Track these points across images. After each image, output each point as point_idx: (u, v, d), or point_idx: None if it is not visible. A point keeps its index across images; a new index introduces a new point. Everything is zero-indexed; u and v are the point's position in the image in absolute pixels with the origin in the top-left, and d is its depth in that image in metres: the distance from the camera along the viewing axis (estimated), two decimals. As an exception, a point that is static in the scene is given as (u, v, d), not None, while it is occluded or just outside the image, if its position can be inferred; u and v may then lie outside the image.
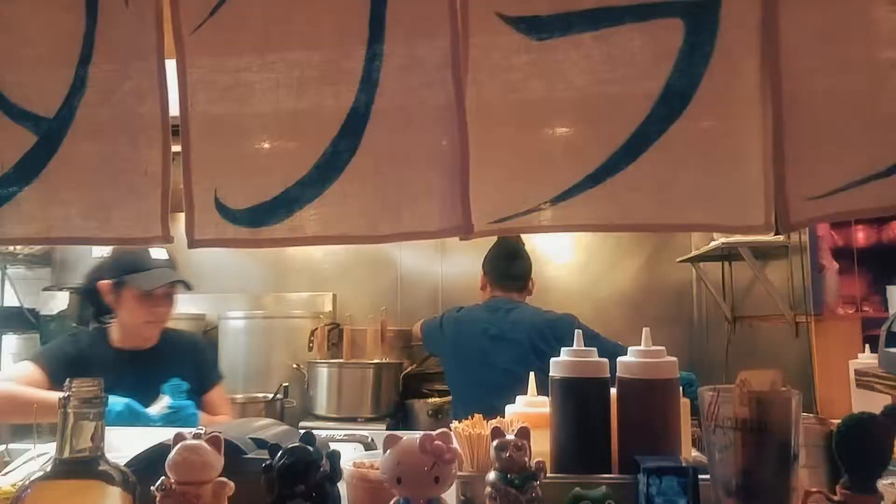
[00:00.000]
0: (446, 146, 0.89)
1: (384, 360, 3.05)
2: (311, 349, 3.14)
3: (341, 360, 3.03)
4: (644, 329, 1.01)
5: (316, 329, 3.17)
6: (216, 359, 2.19)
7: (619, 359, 1.00)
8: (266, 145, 0.94)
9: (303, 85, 0.91)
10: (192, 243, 0.97)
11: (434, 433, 0.86)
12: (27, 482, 0.62)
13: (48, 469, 0.64)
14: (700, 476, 0.81)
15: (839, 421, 0.80)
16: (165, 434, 0.92)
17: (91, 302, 2.04)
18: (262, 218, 0.93)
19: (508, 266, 2.58)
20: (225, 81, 0.92)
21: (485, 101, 0.89)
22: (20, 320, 3.53)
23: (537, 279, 3.45)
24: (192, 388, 1.95)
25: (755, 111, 0.87)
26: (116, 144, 0.96)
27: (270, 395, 2.89)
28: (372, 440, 1.30)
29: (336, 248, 3.70)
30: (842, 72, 0.82)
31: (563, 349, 1.02)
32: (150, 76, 0.94)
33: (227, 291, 3.64)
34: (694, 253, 2.98)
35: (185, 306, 3.48)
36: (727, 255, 2.99)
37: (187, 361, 2.03)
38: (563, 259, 3.45)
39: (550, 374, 1.01)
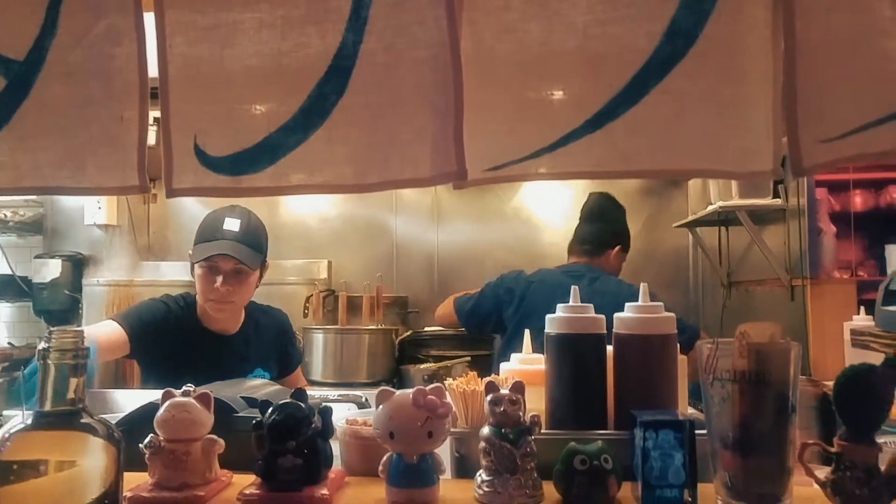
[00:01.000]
0: (439, 88, 0.85)
1: (380, 326, 3.05)
2: (306, 315, 3.13)
3: (337, 326, 3.02)
4: (642, 284, 1.00)
5: (311, 295, 3.16)
6: (297, 340, 2.00)
7: (616, 315, 0.99)
8: (248, 89, 0.89)
9: (287, 24, 0.86)
10: (171, 192, 0.93)
11: (427, 388, 0.85)
12: (6, 434, 0.60)
13: (29, 422, 0.62)
14: (697, 431, 0.81)
15: (834, 380, 0.78)
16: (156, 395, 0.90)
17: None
18: (243, 166, 0.89)
19: (580, 226, 2.24)
20: (205, 22, 0.87)
21: (480, 41, 0.85)
22: (13, 288, 3.51)
23: (535, 245, 3.45)
24: (278, 374, 1.82)
25: (765, 51, 0.83)
26: (90, 89, 0.92)
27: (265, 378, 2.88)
28: (366, 400, 1.29)
29: (330, 214, 3.67)
30: (857, 9, 0.78)
31: (559, 305, 1.00)
32: (125, 16, 0.88)
33: (221, 258, 3.61)
34: (691, 218, 2.96)
35: (180, 274, 3.46)
36: (724, 219, 2.97)
37: (274, 349, 1.85)
38: (558, 224, 3.43)
39: (546, 330, 1.00)
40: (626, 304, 0.99)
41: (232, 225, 1.67)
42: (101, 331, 1.64)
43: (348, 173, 0.89)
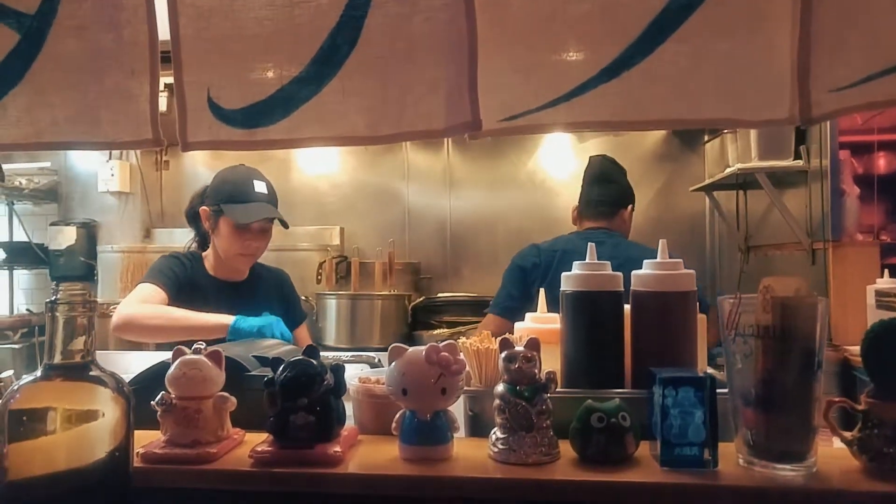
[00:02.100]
0: (453, 38, 0.81)
1: (392, 292, 3.04)
2: (319, 282, 3.13)
3: (350, 292, 3.02)
4: (661, 241, 0.97)
5: (324, 262, 3.15)
6: (299, 296, 2.13)
7: (634, 272, 0.96)
8: (260, 41, 0.87)
9: (300, -28, 0.82)
10: (185, 146, 0.91)
11: (440, 345, 0.83)
12: (16, 386, 0.60)
13: (38, 374, 0.61)
14: (717, 391, 0.78)
15: (861, 339, 0.75)
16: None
17: (194, 227, 2.01)
18: (257, 118, 0.87)
19: (591, 189, 2.18)
20: (215, -27, 0.84)
21: (494, -13, 0.81)
22: (30, 255, 3.54)
23: (550, 211, 3.40)
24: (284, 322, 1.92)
25: (783, -3, 0.79)
26: (100, 42, 0.89)
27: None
28: (378, 360, 1.28)
29: (342, 181, 3.65)
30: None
31: (575, 263, 0.98)
32: (132, -34, 0.86)
33: (234, 225, 3.61)
34: (708, 181, 2.89)
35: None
36: (742, 183, 2.91)
37: (276, 297, 2.00)
38: (573, 189, 3.37)
39: (562, 288, 0.97)
40: (645, 262, 0.96)
41: (262, 188, 1.86)
42: (149, 293, 1.78)
43: (361, 125, 0.86)
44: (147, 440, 0.84)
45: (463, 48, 0.81)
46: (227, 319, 1.63)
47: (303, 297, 3.06)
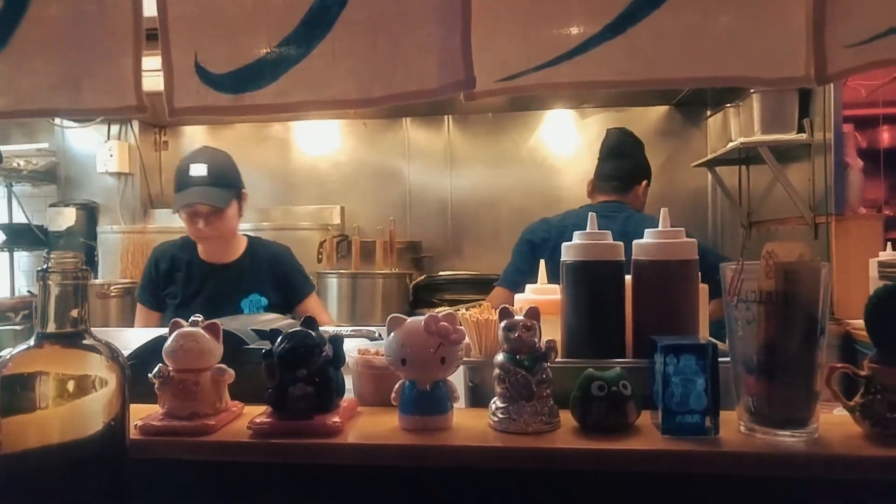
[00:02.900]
0: (446, -7, 0.79)
1: (393, 271, 3.04)
2: (320, 260, 3.12)
3: (351, 271, 3.01)
4: (662, 209, 0.95)
5: (324, 241, 3.15)
6: (303, 270, 2.11)
7: (635, 241, 0.95)
8: (249, 2, 0.84)
9: (288, -71, 0.79)
10: (172, 112, 0.89)
11: (439, 314, 0.82)
12: (7, 356, 0.59)
13: (31, 343, 0.61)
14: (720, 360, 0.77)
15: (864, 305, 0.74)
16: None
17: None
18: (245, 83, 0.85)
19: (605, 163, 2.14)
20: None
21: (488, -60, 0.78)
22: (29, 237, 3.53)
23: (551, 188, 3.38)
24: (280, 301, 1.92)
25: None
26: (84, 6, 0.87)
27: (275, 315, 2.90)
28: (378, 335, 1.28)
29: (342, 160, 3.63)
30: None
31: (576, 233, 0.97)
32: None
33: (234, 206, 3.60)
34: (710, 156, 2.87)
35: (192, 221, 3.46)
36: (745, 158, 2.88)
37: (270, 275, 1.97)
38: (575, 166, 3.36)
39: (562, 258, 0.96)
40: (646, 231, 0.95)
41: (198, 171, 1.85)
42: (140, 318, 1.92)
43: (352, 88, 0.84)
44: (145, 414, 0.84)
45: (456, 5, 0.78)
46: None
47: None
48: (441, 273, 3.27)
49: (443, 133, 3.56)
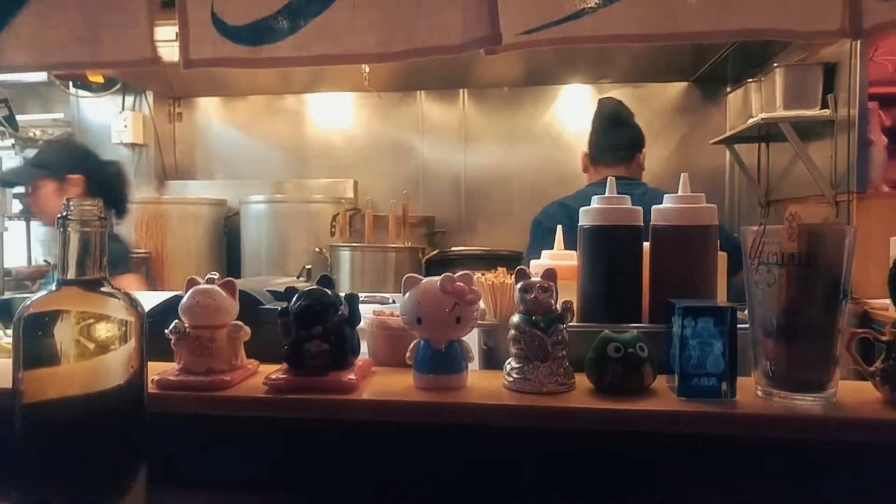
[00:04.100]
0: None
1: (406, 245, 3.04)
2: (333, 234, 3.13)
3: (363, 244, 3.02)
4: (682, 174, 0.94)
5: (337, 214, 3.15)
6: (124, 251, 2.23)
7: (654, 207, 0.94)
8: (267, -49, 0.83)
9: None
10: (187, 64, 0.89)
11: (455, 275, 0.82)
12: (28, 301, 0.59)
13: (53, 288, 0.61)
14: (738, 326, 0.76)
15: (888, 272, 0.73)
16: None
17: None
18: (263, 34, 0.84)
19: (607, 134, 2.09)
20: None
21: None
22: (46, 207, 3.57)
23: (566, 165, 3.35)
24: None
25: None
26: (101, -48, 0.87)
27: (293, 278, 2.92)
28: (392, 301, 1.28)
29: (356, 134, 3.61)
30: None
31: (594, 197, 0.95)
32: None
33: (248, 178, 3.62)
34: (729, 133, 2.83)
35: (206, 192, 3.48)
36: (765, 135, 2.84)
37: None
38: (590, 142, 3.31)
39: (580, 223, 0.95)
40: (665, 196, 0.93)
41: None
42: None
43: (373, 42, 0.83)
44: (161, 370, 0.85)
45: (479, -45, 0.76)
46: None
47: (316, 249, 3.09)
48: (453, 248, 3.27)
49: (457, 107, 3.53)
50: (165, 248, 3.20)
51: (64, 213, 0.61)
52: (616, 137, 2.06)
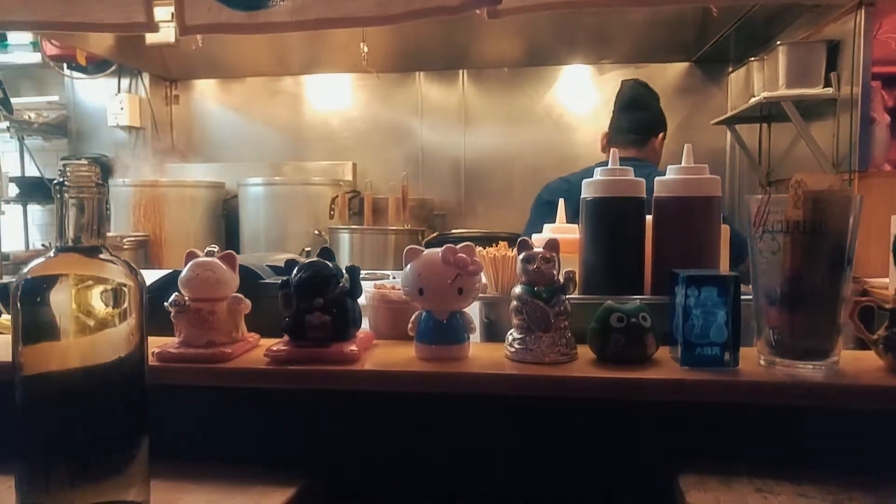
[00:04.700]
0: None
1: (405, 227, 3.03)
2: (332, 216, 3.12)
3: (362, 227, 3.01)
4: (686, 145, 0.93)
5: (336, 196, 3.14)
6: None
7: (658, 178, 0.93)
8: (265, -90, 0.81)
9: None
10: (183, 30, 0.87)
11: (457, 246, 0.81)
12: (25, 269, 0.59)
13: (51, 255, 0.60)
14: (742, 297, 0.76)
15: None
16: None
17: None
18: (259, -1, 0.83)
19: (621, 116, 2.08)
20: None
21: None
22: (42, 191, 3.55)
23: (567, 146, 3.33)
24: None
25: None
26: None
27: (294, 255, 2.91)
28: (393, 277, 1.27)
29: (355, 116, 3.59)
30: None
31: (597, 169, 0.95)
32: None
33: (246, 160, 3.60)
34: (731, 113, 2.81)
35: (204, 175, 3.46)
36: (766, 115, 2.82)
37: None
38: (593, 124, 3.30)
39: (583, 195, 0.94)
40: (668, 167, 0.93)
41: None
42: None
43: (371, 4, 0.81)
44: (161, 344, 0.84)
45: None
46: None
47: (315, 232, 3.08)
48: (453, 231, 3.26)
49: (457, 88, 3.51)
50: (164, 231, 3.18)
51: (60, 179, 0.60)
52: (629, 120, 2.05)
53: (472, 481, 0.82)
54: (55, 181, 0.60)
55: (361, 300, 0.88)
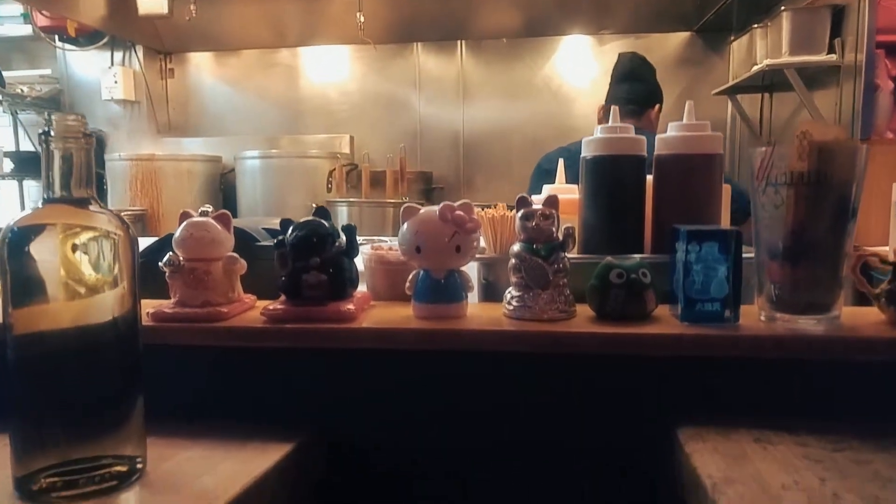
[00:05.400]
0: None
1: (403, 200, 3.01)
2: (329, 189, 3.10)
3: (360, 200, 2.99)
4: (688, 101, 0.91)
5: (333, 169, 3.11)
6: None
7: (658, 136, 0.91)
8: None
9: None
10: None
11: (455, 203, 0.80)
12: (12, 221, 0.57)
13: (39, 205, 0.59)
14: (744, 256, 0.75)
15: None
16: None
17: None
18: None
19: (618, 87, 2.09)
20: None
21: None
22: (37, 166, 3.50)
23: (566, 118, 3.30)
24: None
25: None
26: None
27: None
28: (389, 241, 1.26)
29: (352, 89, 3.55)
30: None
31: (597, 127, 0.93)
32: None
33: (242, 134, 3.56)
34: (732, 82, 2.77)
35: (201, 149, 3.43)
36: (769, 84, 2.79)
37: None
38: (593, 96, 3.26)
39: (583, 154, 0.93)
40: (669, 124, 0.91)
41: None
42: None
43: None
44: (157, 305, 0.83)
45: None
46: None
47: (313, 205, 3.06)
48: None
49: (455, 59, 3.46)
50: (161, 205, 3.17)
51: (46, 129, 0.59)
52: (626, 90, 2.05)
53: (469, 437, 0.82)
54: (40, 131, 0.59)
55: (359, 264, 0.88)
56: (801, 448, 0.59)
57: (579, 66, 3.36)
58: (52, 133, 0.59)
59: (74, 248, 0.57)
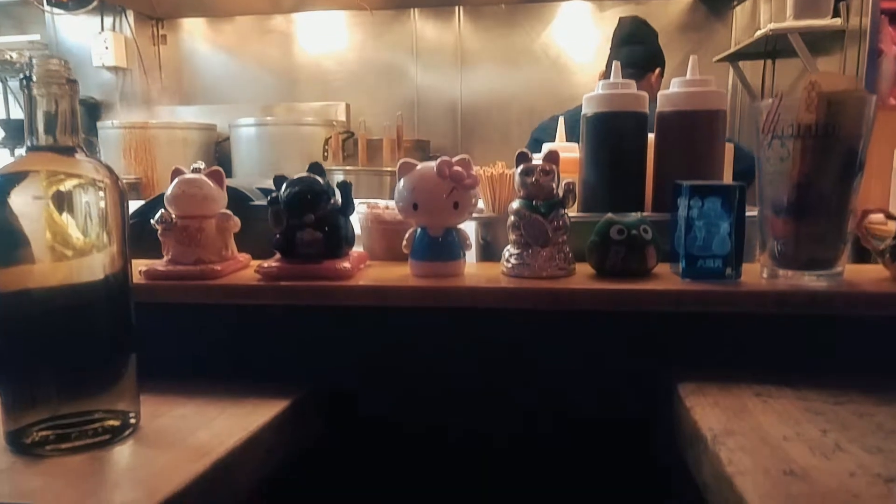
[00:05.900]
0: None
1: (401, 168, 2.98)
2: (325, 158, 3.07)
3: (357, 167, 2.96)
4: (691, 57, 0.89)
5: (330, 137, 3.07)
6: None
7: (661, 93, 0.89)
8: None
9: None
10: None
11: (452, 159, 0.78)
12: (-2, 168, 0.55)
13: (23, 153, 0.57)
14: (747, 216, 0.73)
15: None
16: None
17: None
18: None
19: (617, 51, 2.06)
20: None
21: None
22: (30, 133, 3.47)
23: (565, 86, 3.24)
24: None
25: None
26: None
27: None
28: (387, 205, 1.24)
29: (348, 58, 3.49)
30: None
31: (599, 84, 0.91)
32: None
33: (237, 101, 3.51)
34: (734, 49, 2.73)
35: (195, 117, 3.38)
36: (771, 51, 2.74)
37: None
38: (593, 64, 3.21)
39: (583, 112, 0.91)
40: (672, 80, 0.89)
41: None
42: None
43: None
44: (150, 263, 0.82)
45: None
46: None
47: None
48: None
49: (453, 26, 3.40)
50: (155, 173, 3.13)
51: (27, 73, 0.57)
52: (626, 53, 2.01)
53: (467, 396, 0.82)
54: (21, 76, 0.57)
55: (355, 225, 0.86)
56: (802, 402, 0.58)
57: (579, 33, 3.30)
58: (34, 78, 0.57)
59: (59, 196, 0.55)
